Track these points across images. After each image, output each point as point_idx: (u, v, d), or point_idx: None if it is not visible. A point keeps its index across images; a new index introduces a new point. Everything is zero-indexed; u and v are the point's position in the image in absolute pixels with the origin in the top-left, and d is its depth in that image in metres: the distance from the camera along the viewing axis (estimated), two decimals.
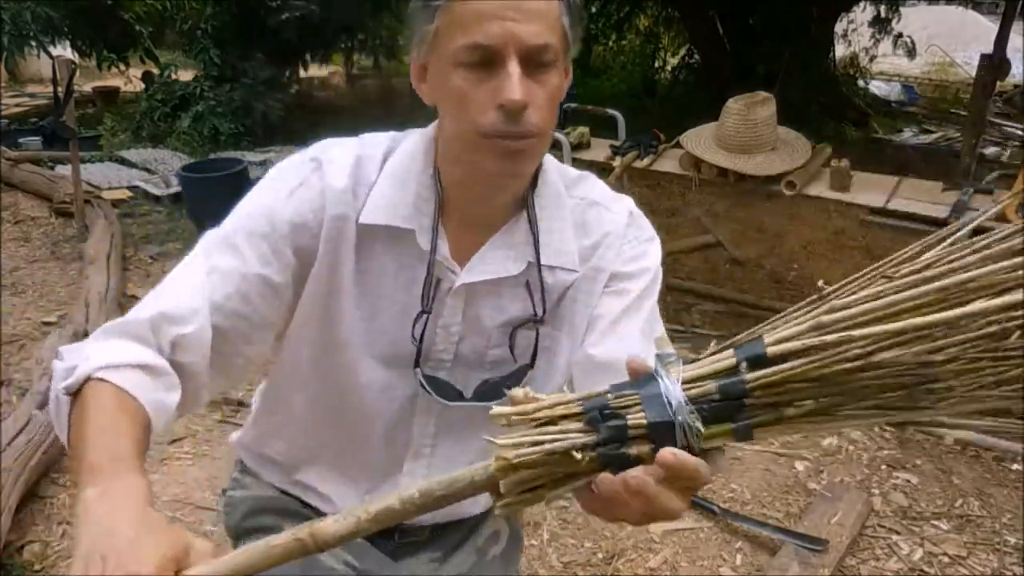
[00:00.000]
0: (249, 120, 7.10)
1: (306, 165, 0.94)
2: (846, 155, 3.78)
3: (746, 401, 0.60)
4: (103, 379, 0.76)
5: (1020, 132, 7.01)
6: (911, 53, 9.11)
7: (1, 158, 5.98)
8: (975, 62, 4.48)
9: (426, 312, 0.94)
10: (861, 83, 8.87)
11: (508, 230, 0.96)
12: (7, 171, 5.82)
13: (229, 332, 0.89)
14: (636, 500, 0.61)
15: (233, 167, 5.05)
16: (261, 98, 7.18)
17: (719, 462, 0.63)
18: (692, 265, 4.62)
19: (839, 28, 8.60)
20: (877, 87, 9.18)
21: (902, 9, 8.91)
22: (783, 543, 2.25)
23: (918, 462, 2.75)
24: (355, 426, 1.03)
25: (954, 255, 0.55)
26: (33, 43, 5.61)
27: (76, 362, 0.78)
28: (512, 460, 0.61)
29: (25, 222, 5.18)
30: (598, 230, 0.99)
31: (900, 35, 8.81)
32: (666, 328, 1.00)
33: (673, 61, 9.94)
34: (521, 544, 1.28)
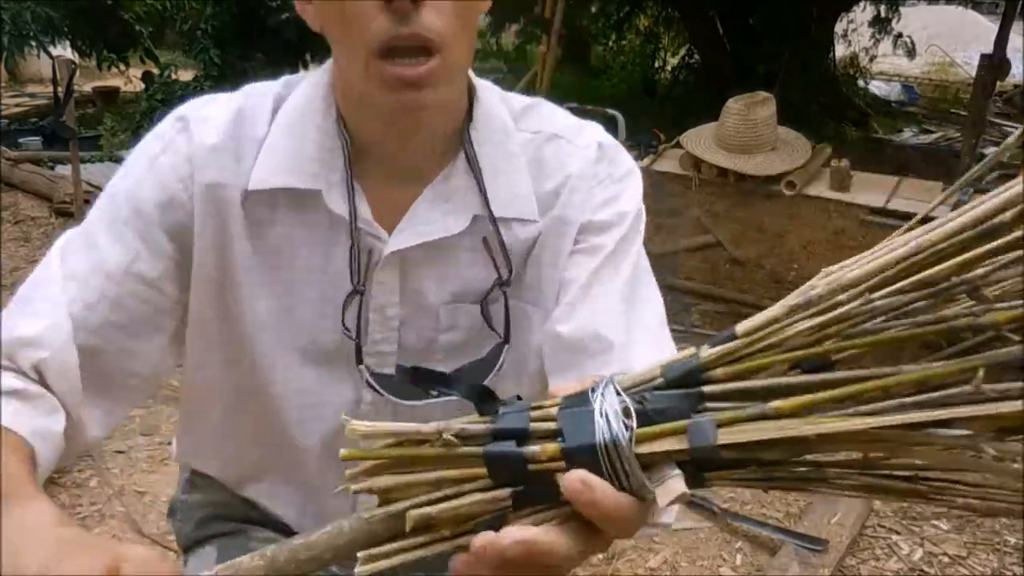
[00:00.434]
0: None
1: (171, 127, 0.78)
2: (846, 155, 3.79)
3: (704, 389, 0.46)
4: None
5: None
6: (911, 53, 9.11)
7: (1, 158, 5.98)
8: (975, 62, 4.49)
9: (359, 292, 0.76)
10: (861, 83, 8.86)
11: (443, 179, 0.77)
12: (7, 171, 5.82)
13: (102, 350, 0.74)
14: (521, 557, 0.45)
15: None
16: None
17: (665, 508, 0.45)
18: (692, 265, 4.62)
19: (839, 28, 8.60)
20: (877, 87, 9.17)
21: (902, 9, 8.91)
22: (783, 543, 2.25)
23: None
24: (290, 440, 0.84)
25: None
26: (33, 43, 5.61)
27: None
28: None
29: (25, 222, 5.18)
30: (560, 170, 0.80)
31: (900, 35, 8.81)
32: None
33: (673, 61, 9.93)
34: None
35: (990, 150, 6.40)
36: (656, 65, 10.03)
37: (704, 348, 0.47)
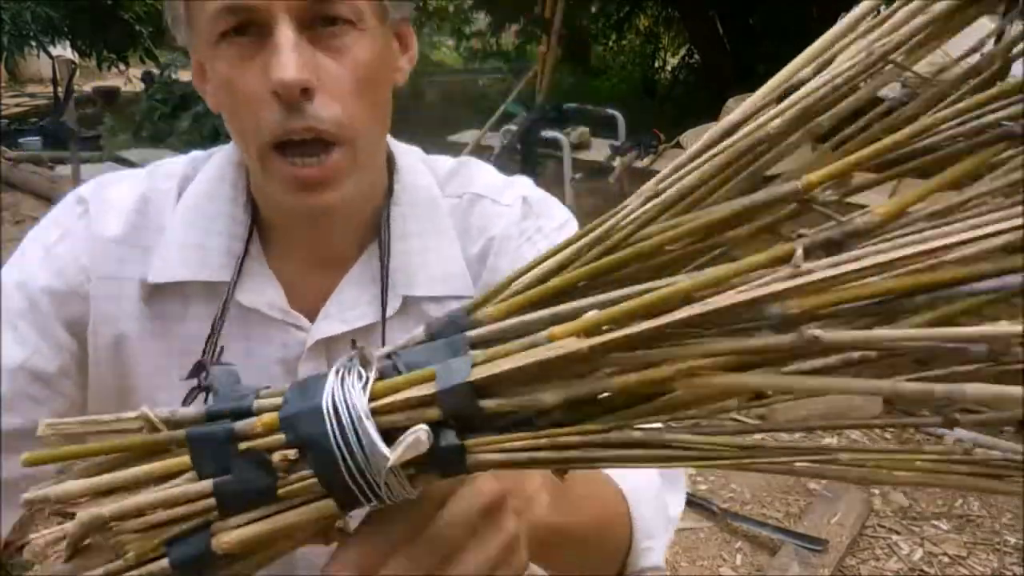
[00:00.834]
0: None
1: (70, 211, 0.71)
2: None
3: (470, 333, 0.37)
4: None
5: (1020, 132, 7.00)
6: None
7: (1, 158, 5.98)
8: (975, 62, 4.48)
9: (205, 389, 0.67)
10: (861, 83, 8.85)
11: (368, 260, 0.71)
12: (7, 171, 5.82)
13: None
14: None
15: None
16: None
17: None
18: None
19: None
20: None
21: None
22: (783, 543, 2.25)
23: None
24: None
25: None
26: (33, 43, 5.61)
27: None
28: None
29: (25, 222, 5.18)
30: (483, 233, 0.73)
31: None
32: None
33: (673, 61, 9.94)
34: None
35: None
36: (656, 65, 10.04)
37: None
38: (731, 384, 0.30)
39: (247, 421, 0.37)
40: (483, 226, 0.73)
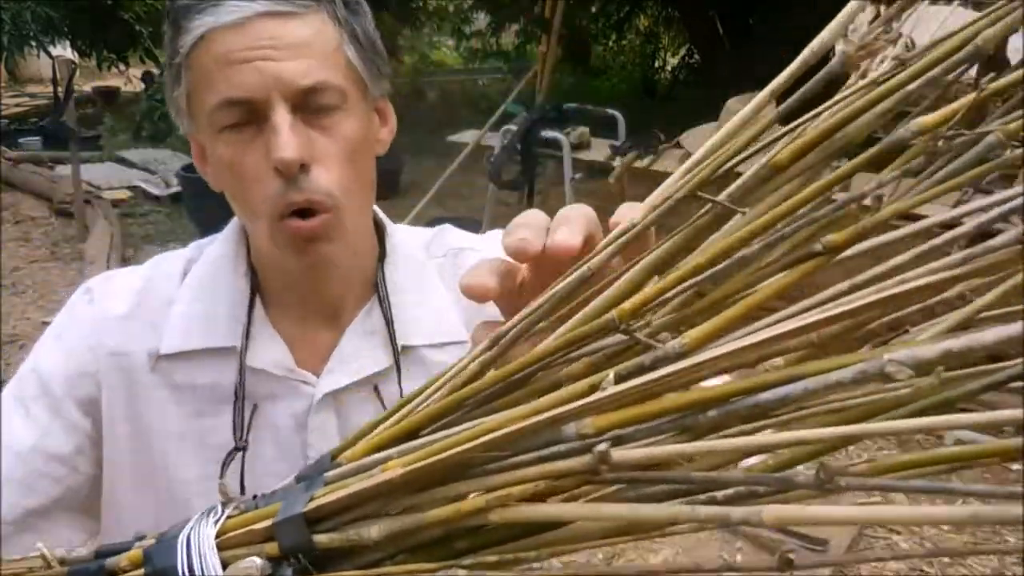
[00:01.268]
0: None
1: (78, 300, 0.77)
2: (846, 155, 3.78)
3: (328, 474, 0.39)
4: None
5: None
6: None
7: (1, 158, 5.98)
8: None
9: (240, 449, 0.72)
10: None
11: (366, 315, 0.76)
12: (7, 171, 5.83)
13: (8, 535, 0.70)
14: None
15: None
16: None
17: None
18: None
19: None
20: None
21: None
22: (783, 543, 2.25)
23: None
24: None
25: None
26: (33, 43, 5.61)
27: None
28: None
29: (25, 222, 5.19)
30: None
31: (900, 35, 8.82)
32: None
33: (673, 61, 9.95)
34: None
35: (994, 126, 6.40)
36: (656, 65, 10.04)
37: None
38: (537, 514, 0.32)
39: (117, 556, 0.40)
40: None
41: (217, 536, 0.38)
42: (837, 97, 0.34)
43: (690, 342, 0.30)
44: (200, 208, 4.72)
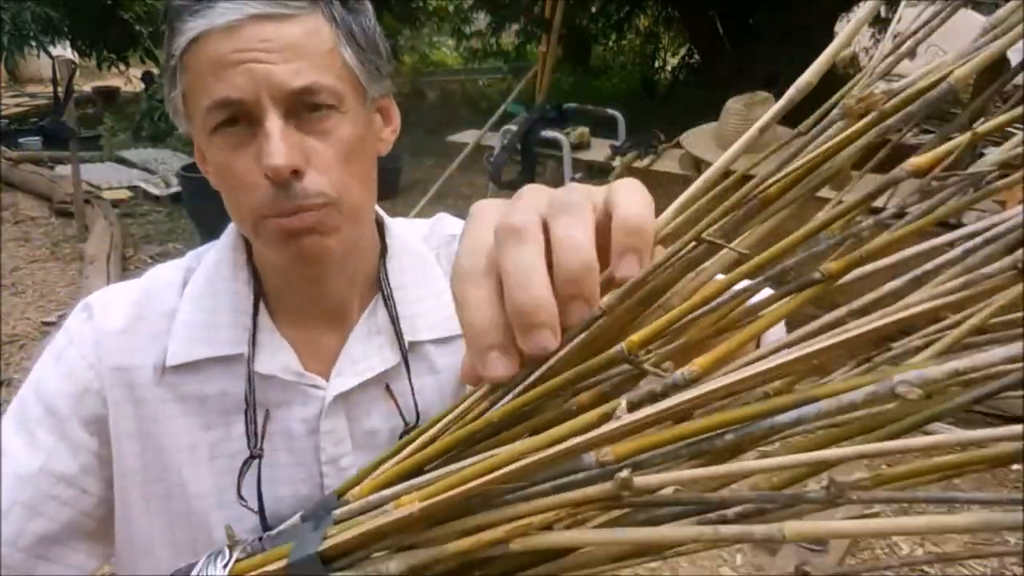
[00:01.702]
0: None
1: (77, 318, 0.75)
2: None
3: (336, 512, 0.38)
4: None
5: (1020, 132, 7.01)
6: (911, 53, 9.12)
7: (1, 158, 5.98)
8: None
9: (256, 457, 0.71)
10: None
11: (371, 314, 0.76)
12: (7, 171, 5.83)
13: (21, 562, 0.69)
14: None
15: None
16: None
17: None
18: None
19: (839, 28, 8.60)
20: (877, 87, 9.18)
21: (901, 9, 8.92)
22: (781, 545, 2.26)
23: None
24: None
25: None
26: (33, 43, 5.61)
27: None
28: None
29: (25, 222, 5.19)
30: None
31: (899, 35, 8.83)
32: None
33: (673, 61, 9.95)
34: None
35: (990, 150, 6.42)
36: (656, 65, 10.04)
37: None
38: (558, 541, 0.32)
39: None
40: None
41: None
42: (819, 128, 0.36)
43: (698, 370, 0.31)
44: (200, 208, 4.72)
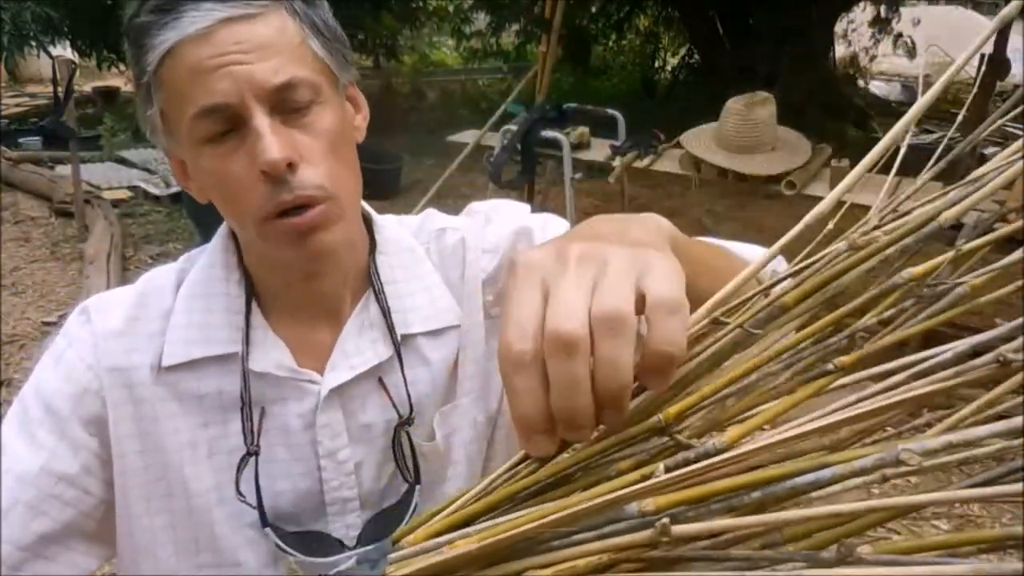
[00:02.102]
0: None
1: (75, 322, 0.77)
2: (846, 155, 3.78)
3: (391, 556, 0.41)
4: None
5: (1021, 132, 7.00)
6: (911, 53, 9.12)
7: (1, 158, 5.98)
8: (975, 62, 4.48)
9: (253, 454, 0.73)
10: (861, 83, 8.87)
11: (363, 309, 0.77)
12: (7, 171, 5.83)
13: (21, 561, 0.70)
14: None
15: None
16: None
17: None
18: None
19: (839, 28, 8.60)
20: (877, 87, 9.18)
21: (902, 9, 8.92)
22: None
23: None
24: None
25: None
26: (33, 43, 5.61)
27: None
28: None
29: (25, 222, 5.19)
30: (455, 252, 0.80)
31: (900, 35, 8.83)
32: None
33: (673, 61, 9.95)
34: None
35: (991, 150, 6.41)
36: (656, 65, 10.04)
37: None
38: None
39: None
40: (454, 247, 0.80)
41: None
42: (830, 253, 0.45)
43: (728, 440, 0.35)
44: (200, 208, 4.70)
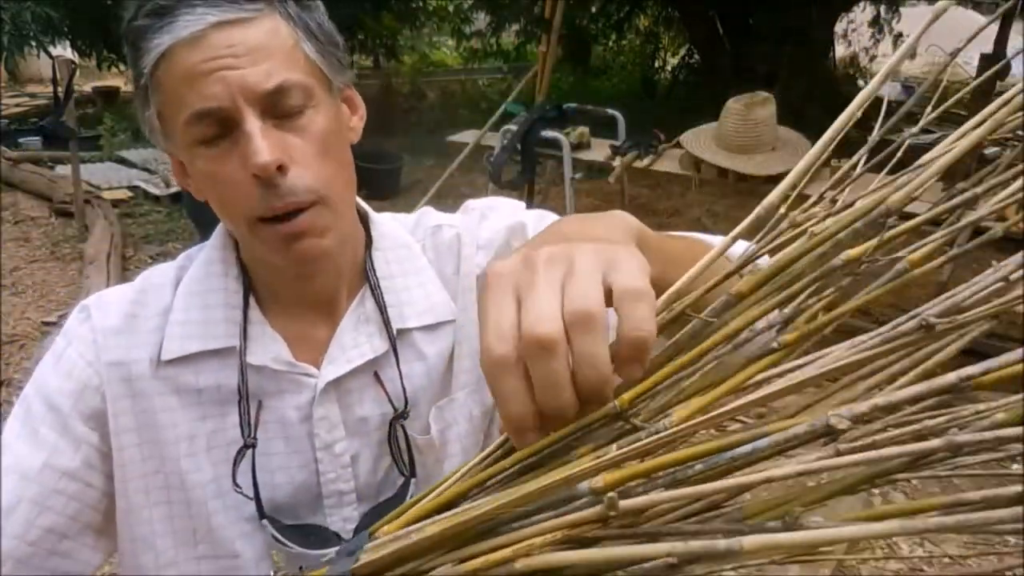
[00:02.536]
0: None
1: (75, 320, 0.78)
2: (846, 155, 3.79)
3: (369, 544, 0.43)
4: None
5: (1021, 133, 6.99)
6: (911, 53, 9.13)
7: (1, 158, 5.98)
8: (975, 62, 4.48)
9: (250, 446, 0.74)
10: (861, 83, 8.87)
11: (359, 303, 0.78)
12: (7, 171, 5.83)
13: (29, 556, 0.71)
14: None
15: None
16: None
17: None
18: None
19: (839, 28, 8.60)
20: None
21: (902, 9, 8.93)
22: None
23: None
24: None
25: None
26: (33, 43, 5.61)
27: None
28: None
29: (25, 222, 5.19)
30: (451, 248, 0.81)
31: (900, 35, 8.82)
32: None
33: (673, 61, 9.95)
34: None
35: (991, 151, 6.41)
36: (656, 65, 10.04)
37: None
38: (557, 560, 0.37)
39: None
40: (449, 243, 0.82)
41: None
42: (782, 240, 0.46)
43: (676, 420, 0.37)
44: (200, 208, 4.70)
